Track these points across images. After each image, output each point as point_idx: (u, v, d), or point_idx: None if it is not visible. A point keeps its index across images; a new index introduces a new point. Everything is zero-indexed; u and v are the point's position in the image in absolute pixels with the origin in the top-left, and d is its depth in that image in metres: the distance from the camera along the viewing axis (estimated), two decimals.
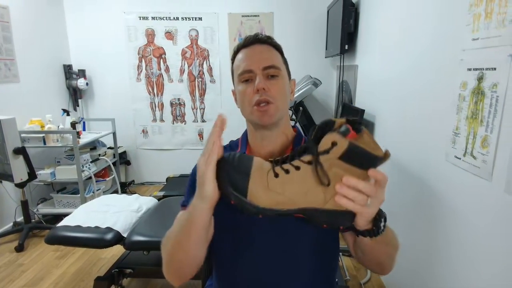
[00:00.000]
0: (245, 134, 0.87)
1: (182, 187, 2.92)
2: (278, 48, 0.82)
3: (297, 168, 0.58)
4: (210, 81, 3.66)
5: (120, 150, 3.62)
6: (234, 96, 0.84)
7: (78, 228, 1.72)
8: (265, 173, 0.59)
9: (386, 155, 0.54)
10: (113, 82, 3.64)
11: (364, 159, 0.54)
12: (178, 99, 3.70)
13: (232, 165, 0.60)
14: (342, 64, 2.88)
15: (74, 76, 3.46)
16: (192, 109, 3.73)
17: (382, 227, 0.62)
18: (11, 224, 2.75)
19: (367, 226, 0.62)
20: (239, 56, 0.81)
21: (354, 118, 0.57)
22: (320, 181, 0.56)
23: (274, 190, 0.58)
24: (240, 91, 0.79)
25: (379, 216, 0.61)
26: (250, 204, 0.58)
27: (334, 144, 0.54)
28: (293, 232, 0.75)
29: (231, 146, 0.89)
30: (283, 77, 0.79)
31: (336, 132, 0.54)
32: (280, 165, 0.60)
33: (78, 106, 3.60)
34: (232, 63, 0.83)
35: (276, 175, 0.59)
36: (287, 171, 0.58)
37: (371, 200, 0.57)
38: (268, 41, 0.81)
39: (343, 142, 0.53)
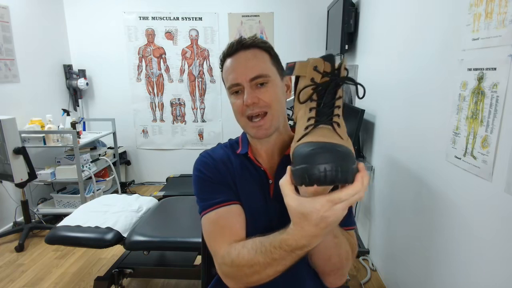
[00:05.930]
0: (245, 134, 0.87)
1: (182, 187, 2.92)
2: (265, 49, 0.78)
3: (339, 107, 0.55)
4: (210, 81, 3.66)
5: (120, 150, 3.63)
6: None
7: (78, 228, 1.72)
8: (331, 131, 0.53)
9: None
10: (113, 82, 3.64)
11: None
12: (178, 99, 3.70)
13: (338, 152, 0.48)
14: None
15: (74, 76, 3.47)
16: (192, 109, 3.73)
17: None
18: (11, 224, 2.75)
19: None
20: (226, 65, 0.78)
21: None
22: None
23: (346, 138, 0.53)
24: (232, 103, 0.79)
25: None
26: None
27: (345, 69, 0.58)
28: None
29: (231, 144, 0.89)
30: (273, 81, 0.76)
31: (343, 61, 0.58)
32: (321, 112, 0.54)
33: (78, 106, 3.60)
34: (221, 70, 0.81)
35: (339, 125, 0.54)
36: (338, 116, 0.55)
37: None
38: (253, 45, 0.77)
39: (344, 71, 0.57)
